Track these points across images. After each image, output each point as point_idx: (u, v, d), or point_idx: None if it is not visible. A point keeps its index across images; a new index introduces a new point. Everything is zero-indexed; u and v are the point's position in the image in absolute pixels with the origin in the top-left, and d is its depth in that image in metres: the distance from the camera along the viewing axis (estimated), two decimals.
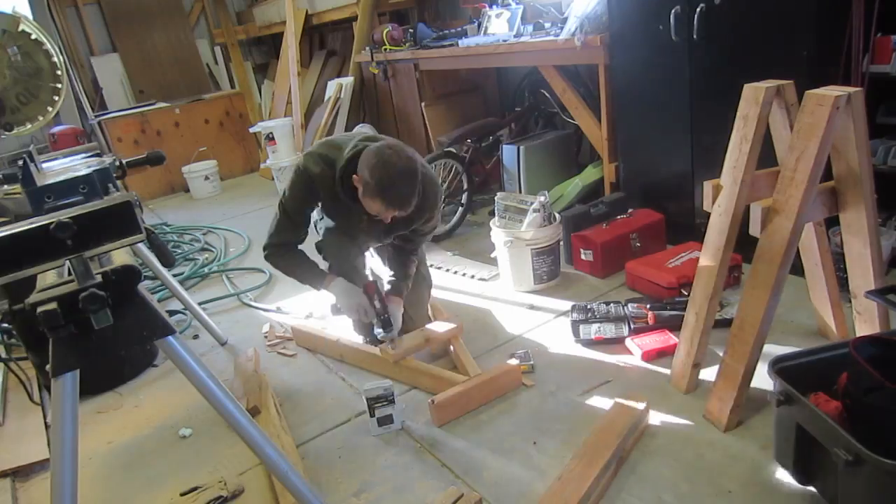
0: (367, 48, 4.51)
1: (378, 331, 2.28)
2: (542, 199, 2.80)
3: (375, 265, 2.70)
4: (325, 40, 5.93)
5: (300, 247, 2.36)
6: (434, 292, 2.72)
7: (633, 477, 1.69)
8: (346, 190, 2.13)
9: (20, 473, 2.08)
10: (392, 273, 2.45)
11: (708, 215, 1.87)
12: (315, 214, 2.41)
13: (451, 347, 2.36)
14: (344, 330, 2.56)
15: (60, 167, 1.92)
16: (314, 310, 2.95)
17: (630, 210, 3.02)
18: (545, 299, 2.76)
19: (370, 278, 2.43)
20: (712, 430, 1.81)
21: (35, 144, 5.17)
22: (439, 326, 2.39)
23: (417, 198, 2.06)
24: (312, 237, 2.40)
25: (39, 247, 1.15)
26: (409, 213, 2.09)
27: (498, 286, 2.96)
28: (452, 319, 2.45)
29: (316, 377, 2.42)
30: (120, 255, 1.38)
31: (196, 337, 2.90)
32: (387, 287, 2.42)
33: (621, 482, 1.67)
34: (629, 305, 2.48)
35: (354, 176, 2.06)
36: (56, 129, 5.21)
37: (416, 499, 1.73)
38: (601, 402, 2.01)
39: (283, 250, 2.31)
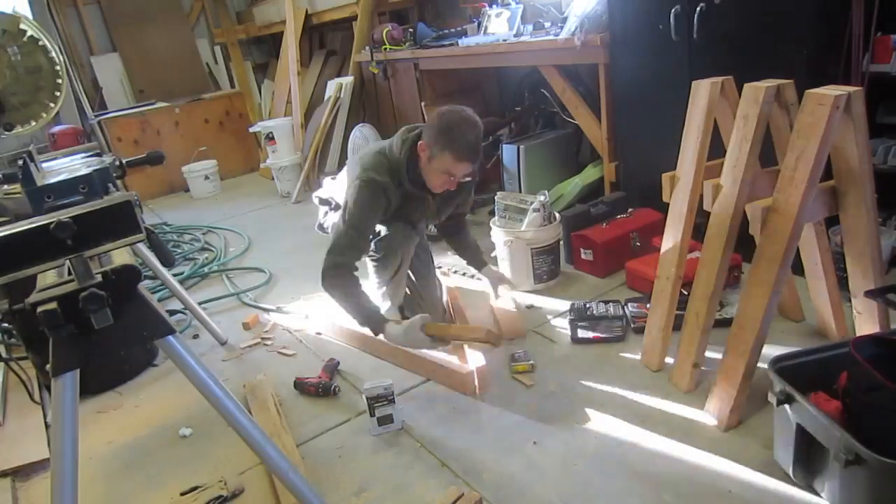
0: (367, 48, 4.51)
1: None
2: (542, 198, 2.80)
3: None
4: (324, 40, 5.93)
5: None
6: None
7: (634, 476, 1.69)
8: (412, 173, 2.17)
9: (20, 473, 2.08)
10: (467, 259, 2.63)
11: (708, 215, 1.87)
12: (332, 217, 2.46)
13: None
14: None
15: (60, 167, 1.92)
16: (313, 311, 2.95)
17: (630, 209, 3.02)
18: (545, 299, 2.76)
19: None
20: (712, 429, 1.81)
21: (35, 144, 5.16)
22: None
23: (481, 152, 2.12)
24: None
25: (39, 246, 1.15)
26: (476, 167, 2.14)
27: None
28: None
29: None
30: (120, 255, 1.38)
31: (196, 337, 2.90)
32: (474, 271, 2.64)
33: (622, 481, 1.68)
34: (629, 305, 2.48)
35: (420, 144, 2.11)
36: (56, 129, 5.21)
37: (416, 499, 1.74)
38: (601, 402, 2.01)
39: (346, 273, 2.14)
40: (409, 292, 2.56)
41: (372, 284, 2.44)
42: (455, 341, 2.20)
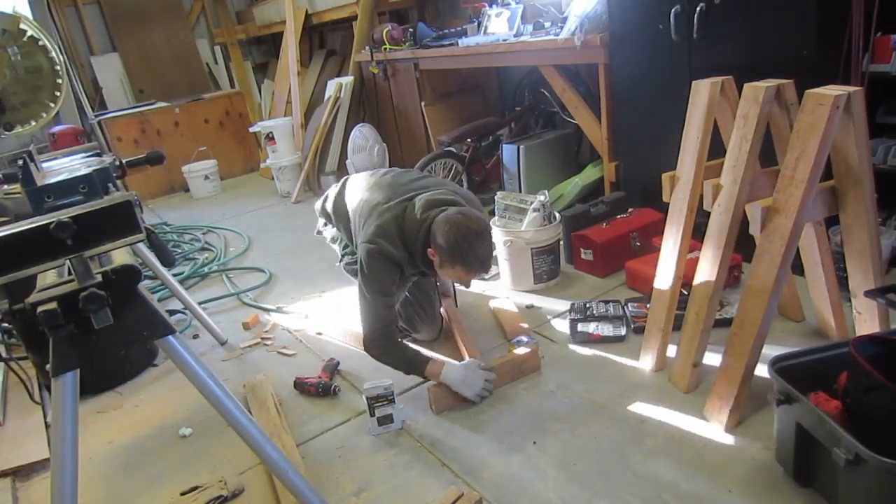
0: (367, 48, 4.51)
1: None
2: (542, 198, 2.80)
3: None
4: (324, 40, 5.93)
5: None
6: None
7: (633, 476, 1.69)
8: (425, 264, 2.11)
9: (20, 473, 2.08)
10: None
11: (708, 215, 1.87)
12: (334, 233, 2.54)
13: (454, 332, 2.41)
14: None
15: (60, 167, 1.92)
16: (313, 311, 2.95)
17: (630, 209, 3.02)
18: (545, 299, 2.76)
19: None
20: (712, 429, 1.82)
21: (35, 144, 5.16)
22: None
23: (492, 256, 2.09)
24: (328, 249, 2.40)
25: (39, 246, 1.15)
26: (488, 271, 2.15)
27: (498, 286, 2.96)
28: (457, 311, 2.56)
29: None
30: (120, 255, 1.38)
31: (196, 336, 2.90)
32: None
33: (622, 481, 1.68)
34: (629, 305, 2.48)
35: (430, 250, 2.04)
36: (56, 129, 5.21)
37: (416, 498, 1.74)
38: (601, 402, 2.01)
39: (387, 340, 2.15)
40: (403, 312, 2.51)
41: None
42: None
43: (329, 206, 2.56)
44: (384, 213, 2.14)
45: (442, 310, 2.61)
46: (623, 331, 2.34)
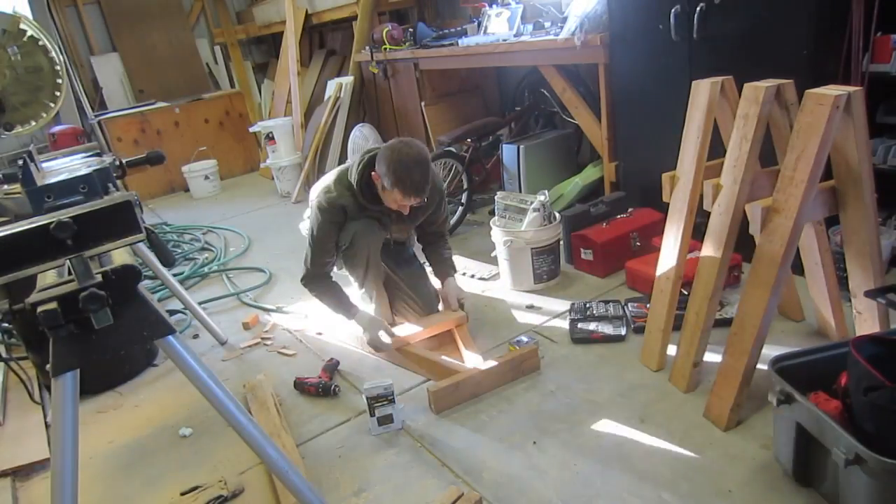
0: (367, 47, 4.51)
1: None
2: (542, 198, 2.80)
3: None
4: (324, 40, 5.93)
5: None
6: None
7: (634, 476, 1.69)
8: (367, 195, 2.31)
9: (20, 473, 2.08)
10: (434, 268, 2.69)
11: (708, 215, 1.87)
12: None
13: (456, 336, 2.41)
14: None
15: (60, 167, 1.92)
16: (313, 311, 2.95)
17: (630, 209, 3.02)
18: (545, 299, 2.76)
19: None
20: (712, 429, 1.81)
21: (35, 144, 5.16)
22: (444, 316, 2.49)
23: (430, 185, 2.22)
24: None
25: (39, 246, 1.15)
26: (424, 200, 2.25)
27: (498, 285, 2.96)
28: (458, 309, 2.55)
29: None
30: (120, 255, 1.38)
31: (196, 336, 2.90)
32: (435, 279, 2.70)
33: (622, 481, 1.68)
34: (629, 305, 2.48)
35: (373, 173, 2.23)
36: (56, 129, 5.20)
37: (416, 498, 1.74)
38: (601, 402, 2.01)
39: (318, 280, 2.45)
40: (405, 304, 2.63)
41: (353, 288, 2.57)
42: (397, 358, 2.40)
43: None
44: (332, 174, 2.44)
45: (440, 306, 2.63)
46: (623, 331, 2.34)
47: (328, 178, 2.44)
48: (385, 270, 2.63)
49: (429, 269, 2.75)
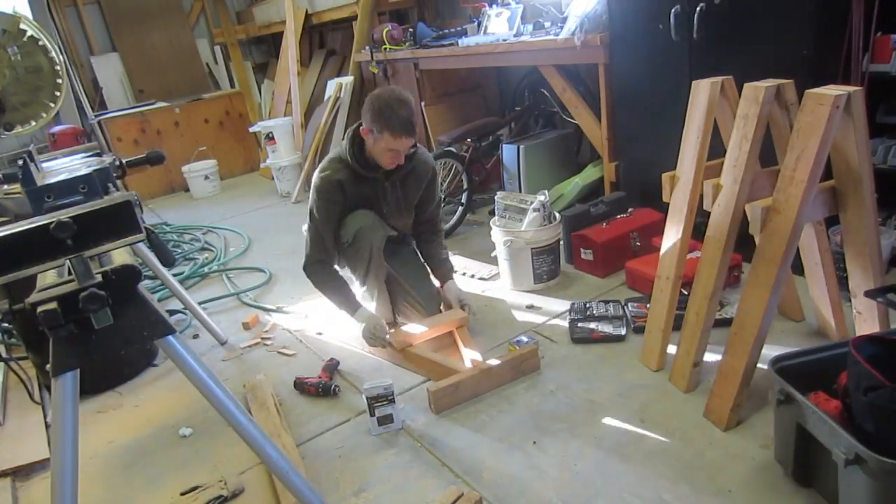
0: (367, 47, 4.51)
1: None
2: (542, 198, 2.80)
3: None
4: (324, 40, 5.93)
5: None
6: None
7: (634, 476, 1.69)
8: (360, 159, 2.34)
9: (20, 473, 2.08)
10: (433, 270, 2.67)
11: (708, 215, 1.87)
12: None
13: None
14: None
15: (60, 167, 1.92)
16: (313, 311, 2.95)
17: (630, 209, 3.02)
18: (545, 299, 2.76)
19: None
20: (712, 429, 1.81)
21: (35, 144, 5.16)
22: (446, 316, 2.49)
23: (417, 120, 2.30)
24: None
25: (39, 246, 1.15)
26: (413, 141, 2.28)
27: (498, 285, 2.96)
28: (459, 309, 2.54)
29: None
30: (120, 255, 1.38)
31: (196, 336, 2.90)
32: (436, 281, 2.69)
33: (622, 481, 1.68)
34: (629, 305, 2.48)
35: (362, 129, 2.29)
36: (56, 129, 5.20)
37: (416, 498, 1.74)
38: (601, 402, 2.01)
39: (321, 267, 2.46)
40: (407, 303, 2.62)
41: (355, 286, 2.57)
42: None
43: None
44: (325, 162, 2.44)
45: (441, 306, 2.63)
46: (623, 331, 2.34)
47: (323, 163, 2.46)
48: (387, 269, 2.63)
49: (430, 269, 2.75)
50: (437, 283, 2.68)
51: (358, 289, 2.57)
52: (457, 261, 3.28)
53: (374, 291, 2.54)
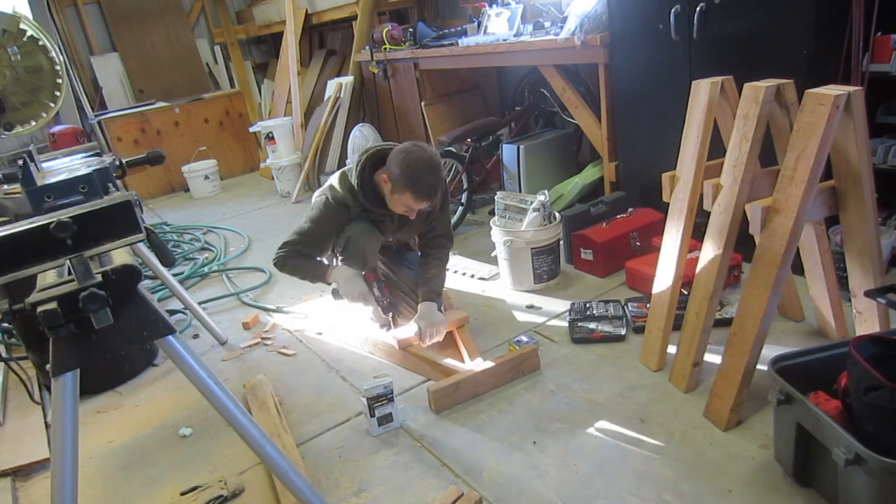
0: (367, 47, 4.51)
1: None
2: (542, 198, 2.80)
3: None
4: (324, 39, 5.93)
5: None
6: None
7: (634, 476, 1.69)
8: (371, 196, 2.29)
9: (20, 473, 2.08)
10: (419, 283, 2.52)
11: (708, 215, 1.87)
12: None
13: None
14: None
15: (60, 167, 1.92)
16: (313, 311, 2.95)
17: (630, 209, 3.02)
18: (545, 298, 2.76)
19: (376, 270, 2.56)
20: (712, 429, 1.81)
21: (35, 144, 5.16)
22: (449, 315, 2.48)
23: (442, 190, 2.22)
24: None
25: (39, 246, 1.15)
26: (435, 205, 2.25)
27: (498, 285, 2.96)
28: (459, 309, 2.55)
29: (316, 376, 2.42)
30: (120, 255, 1.39)
31: (196, 336, 2.90)
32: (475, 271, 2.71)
33: (622, 481, 1.68)
34: (629, 305, 2.49)
35: (383, 175, 2.22)
36: (56, 129, 5.20)
37: (416, 498, 1.74)
38: (601, 402, 2.01)
39: (296, 254, 2.41)
40: (406, 304, 2.61)
41: None
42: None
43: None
44: (337, 174, 2.43)
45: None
46: (623, 331, 2.34)
47: (333, 178, 2.43)
48: (385, 271, 2.63)
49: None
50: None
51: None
52: (457, 261, 3.28)
53: (372, 293, 2.53)
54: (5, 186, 2.07)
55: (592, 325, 2.39)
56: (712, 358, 2.01)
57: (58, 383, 1.21)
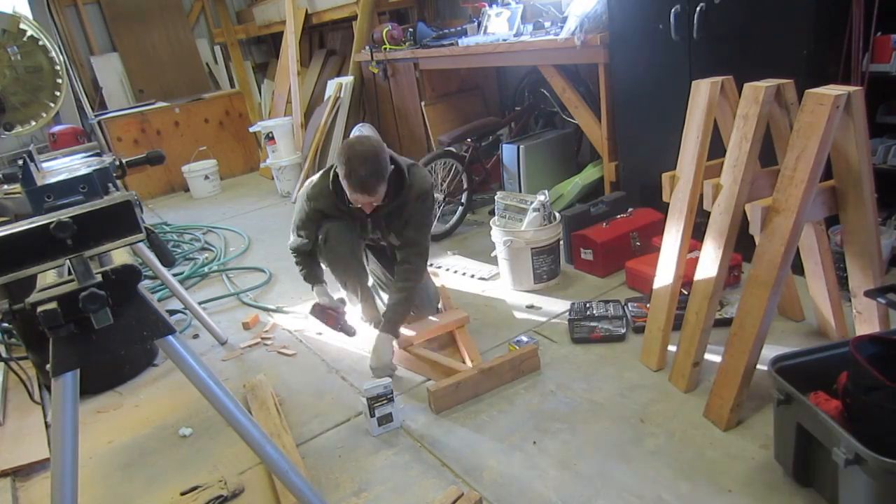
0: (367, 47, 4.51)
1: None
2: (542, 198, 2.80)
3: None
4: (324, 39, 5.93)
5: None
6: None
7: (634, 476, 1.69)
8: (342, 195, 2.30)
9: (20, 473, 2.08)
10: (388, 306, 2.44)
11: (708, 215, 1.87)
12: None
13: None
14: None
15: (60, 167, 1.92)
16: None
17: (630, 209, 3.02)
18: (545, 299, 2.76)
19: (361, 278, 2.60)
20: (712, 429, 1.81)
21: (35, 144, 5.17)
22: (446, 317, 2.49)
23: (384, 184, 2.18)
24: None
25: (39, 246, 1.15)
26: (377, 198, 2.20)
27: (498, 285, 2.96)
28: (459, 309, 2.54)
29: (316, 376, 2.42)
30: (120, 255, 1.39)
31: (196, 336, 2.90)
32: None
33: (622, 481, 1.68)
34: (629, 304, 2.49)
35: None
36: (56, 129, 5.20)
37: (416, 498, 1.74)
38: (601, 402, 2.01)
39: (300, 255, 2.53)
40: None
41: (340, 292, 2.62)
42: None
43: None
44: (318, 173, 2.47)
45: (440, 305, 2.62)
46: (623, 331, 2.34)
47: (315, 176, 2.48)
48: (380, 272, 2.63)
49: (430, 270, 2.74)
50: (437, 281, 2.67)
51: (342, 291, 2.60)
52: (457, 261, 3.29)
53: (357, 292, 2.55)
54: (5, 186, 2.07)
55: (592, 325, 2.39)
56: (712, 358, 2.01)
57: (58, 383, 1.21)
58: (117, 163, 2.00)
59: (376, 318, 2.56)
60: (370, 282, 2.66)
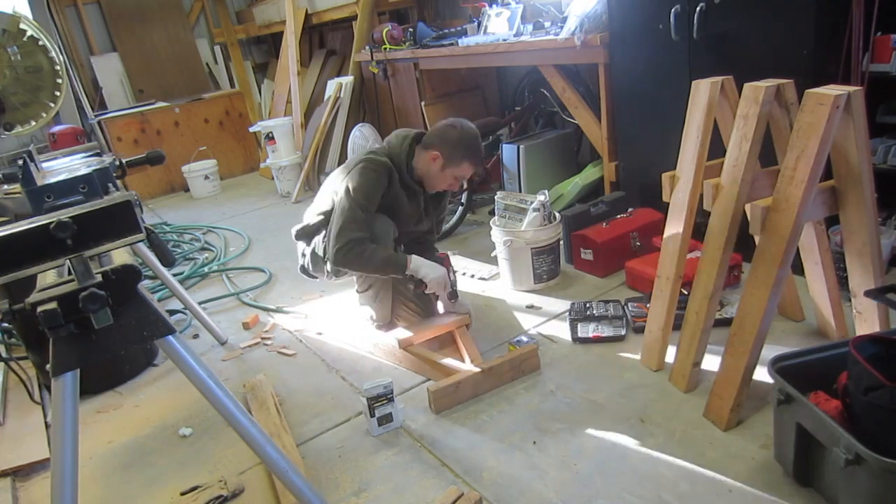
0: (367, 47, 4.51)
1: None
2: (542, 198, 2.80)
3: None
4: (324, 39, 5.93)
5: None
6: None
7: (634, 476, 1.69)
8: (410, 173, 2.39)
9: (20, 473, 2.08)
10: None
11: (708, 215, 1.87)
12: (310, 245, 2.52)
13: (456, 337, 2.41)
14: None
15: (60, 167, 1.92)
16: (313, 311, 2.95)
17: (630, 209, 3.02)
18: (545, 299, 2.76)
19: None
20: (712, 429, 1.82)
21: (35, 144, 5.17)
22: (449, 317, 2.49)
23: None
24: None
25: (39, 246, 1.15)
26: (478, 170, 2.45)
27: (498, 285, 2.96)
28: (461, 308, 2.53)
29: (316, 376, 2.42)
30: (120, 255, 1.39)
31: (196, 336, 2.90)
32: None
33: (622, 481, 1.68)
34: (629, 304, 2.49)
35: (432, 154, 2.32)
36: (56, 129, 5.20)
37: (416, 498, 1.74)
38: (601, 402, 2.01)
39: (360, 245, 2.24)
40: (405, 307, 2.57)
41: (356, 288, 2.56)
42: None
43: (305, 219, 2.57)
44: (364, 150, 2.44)
45: (439, 305, 2.62)
46: (623, 331, 2.34)
47: (364, 153, 2.37)
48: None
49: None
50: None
51: (358, 291, 2.54)
52: (457, 261, 3.28)
53: (380, 293, 2.49)
54: (5, 186, 2.07)
55: (592, 326, 2.39)
56: (712, 358, 2.01)
57: (58, 383, 1.21)
58: (117, 163, 1.99)
59: (389, 319, 2.53)
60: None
